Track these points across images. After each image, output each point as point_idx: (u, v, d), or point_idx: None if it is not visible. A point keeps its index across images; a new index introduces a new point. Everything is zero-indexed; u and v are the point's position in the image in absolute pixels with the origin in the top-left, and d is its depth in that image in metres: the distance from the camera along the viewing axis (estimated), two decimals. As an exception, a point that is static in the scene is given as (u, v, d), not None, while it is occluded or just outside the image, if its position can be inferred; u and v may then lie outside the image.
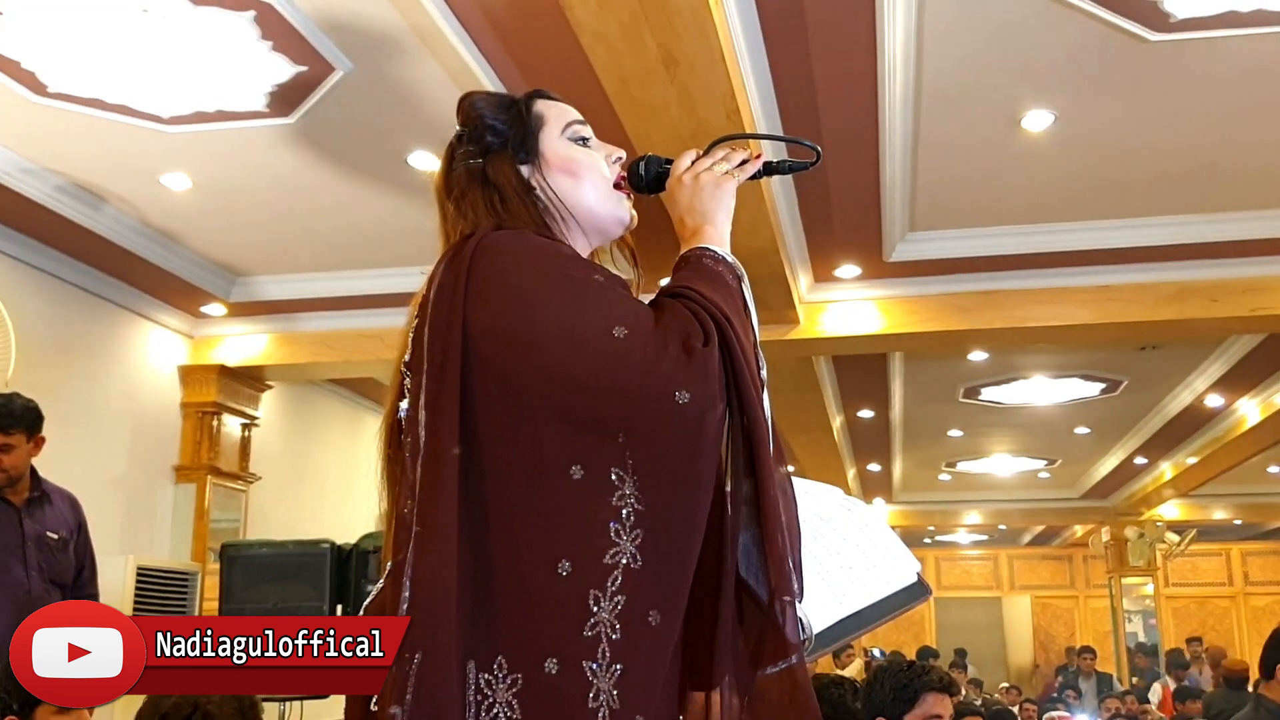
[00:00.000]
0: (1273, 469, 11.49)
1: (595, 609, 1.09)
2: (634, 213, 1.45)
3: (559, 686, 1.07)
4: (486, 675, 1.08)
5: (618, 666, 1.08)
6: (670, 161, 1.46)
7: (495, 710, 1.07)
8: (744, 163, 1.43)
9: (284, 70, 4.00)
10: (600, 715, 1.06)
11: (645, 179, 1.45)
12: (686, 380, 1.13)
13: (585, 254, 1.39)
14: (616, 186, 1.42)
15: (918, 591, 1.36)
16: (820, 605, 1.28)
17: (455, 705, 1.06)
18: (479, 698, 1.08)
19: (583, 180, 1.40)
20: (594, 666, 1.07)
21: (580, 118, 1.45)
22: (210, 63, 3.95)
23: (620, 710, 1.07)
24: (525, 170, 1.38)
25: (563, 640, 1.08)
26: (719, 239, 1.38)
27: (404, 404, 1.27)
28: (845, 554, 1.35)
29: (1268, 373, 7.79)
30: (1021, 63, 4.01)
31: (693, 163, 1.43)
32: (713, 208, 1.40)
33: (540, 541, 1.11)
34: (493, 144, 1.39)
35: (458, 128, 1.43)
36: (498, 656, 1.09)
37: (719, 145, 1.45)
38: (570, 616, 1.08)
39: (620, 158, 1.45)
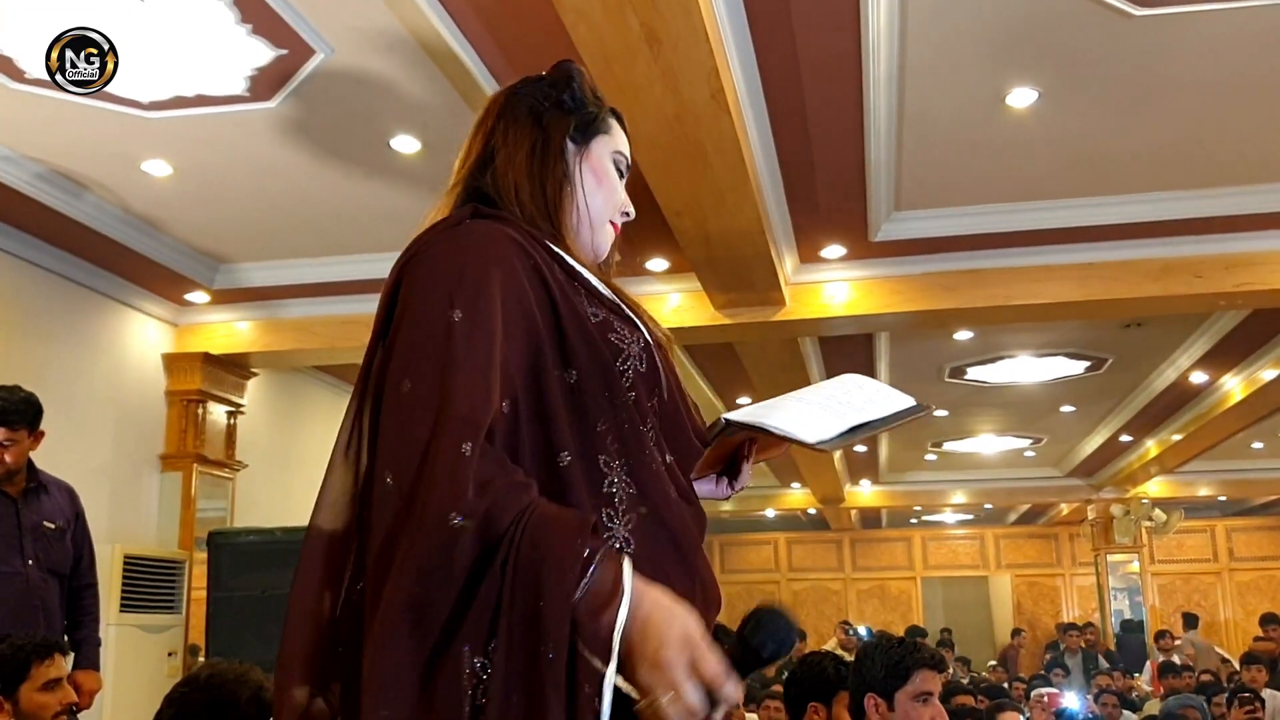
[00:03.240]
0: (1256, 445, 11.56)
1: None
2: (609, 253, 1.49)
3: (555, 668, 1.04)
4: (481, 660, 1.06)
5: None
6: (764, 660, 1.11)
7: (488, 691, 1.05)
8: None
9: (264, 54, 3.97)
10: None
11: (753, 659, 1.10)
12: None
13: (581, 243, 1.42)
14: (611, 224, 1.48)
15: (918, 408, 1.48)
16: (827, 423, 1.38)
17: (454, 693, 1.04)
18: (474, 681, 1.05)
19: (601, 191, 1.45)
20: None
21: (629, 157, 1.52)
22: (189, 47, 3.92)
23: None
24: (571, 148, 1.44)
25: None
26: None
27: None
28: (849, 399, 1.45)
29: (1252, 349, 7.82)
30: (1005, 40, 4.00)
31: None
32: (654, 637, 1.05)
33: None
34: (565, 105, 1.45)
35: (546, 74, 1.50)
36: (493, 640, 1.05)
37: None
38: None
39: (630, 214, 1.50)
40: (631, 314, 1.36)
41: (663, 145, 4.05)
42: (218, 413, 6.71)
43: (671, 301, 6.16)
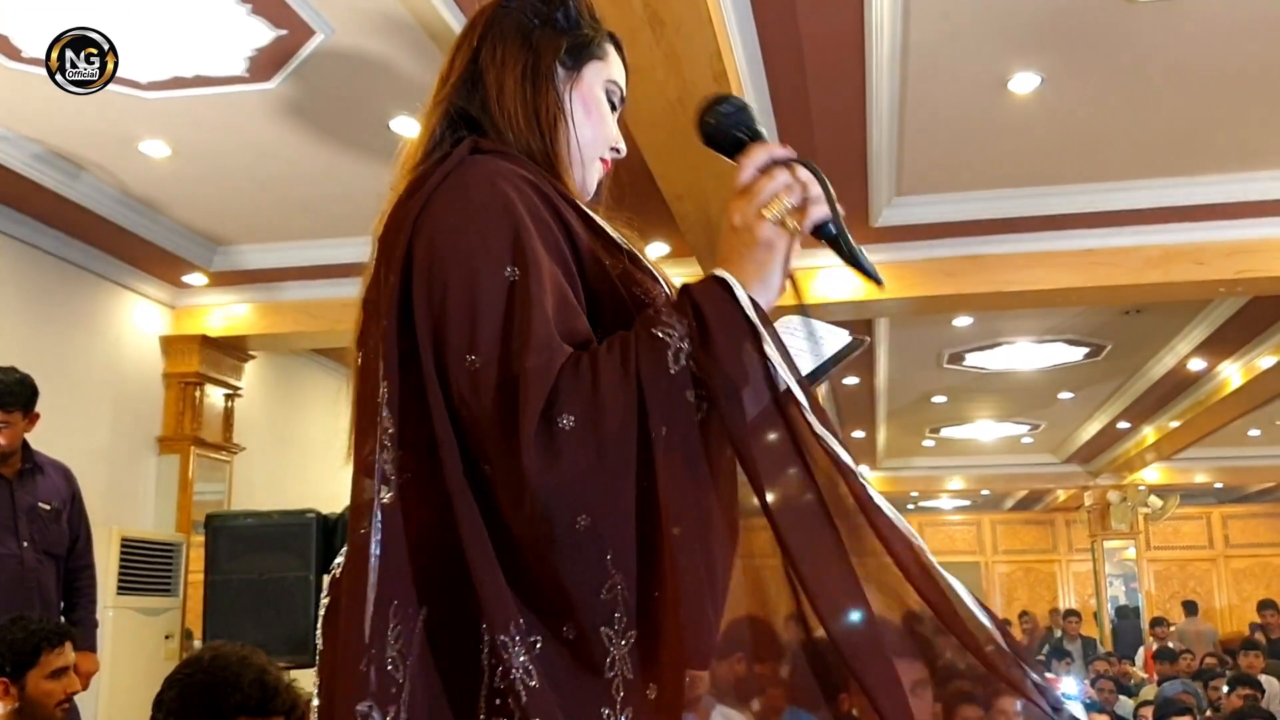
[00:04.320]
0: (1254, 432, 11.58)
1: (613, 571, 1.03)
2: (598, 191, 1.37)
3: (577, 651, 1.02)
4: (503, 637, 1.01)
5: (632, 634, 1.02)
6: (752, 135, 1.20)
7: (513, 674, 1.00)
8: (801, 208, 1.15)
9: (263, 34, 3.94)
10: (615, 685, 1.02)
11: (721, 135, 1.22)
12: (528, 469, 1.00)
13: (574, 180, 1.30)
14: (601, 160, 1.35)
15: (854, 344, 1.37)
16: None
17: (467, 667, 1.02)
18: (493, 661, 1.02)
19: (590, 123, 1.32)
20: (610, 633, 1.02)
21: (624, 90, 1.38)
22: (188, 27, 3.89)
23: (634, 680, 1.02)
24: (560, 73, 1.31)
25: (582, 604, 1.02)
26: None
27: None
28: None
29: (1251, 336, 7.83)
30: (1008, 25, 3.98)
31: (754, 178, 1.17)
32: (736, 256, 1.15)
33: None
34: (557, 23, 1.32)
35: None
36: (516, 618, 1.02)
37: (797, 165, 1.16)
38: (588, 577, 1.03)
39: (621, 151, 1.37)
40: (649, 264, 1.25)
41: (664, 128, 4.03)
42: (215, 395, 6.69)
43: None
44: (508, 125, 1.26)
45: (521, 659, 1.01)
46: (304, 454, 7.62)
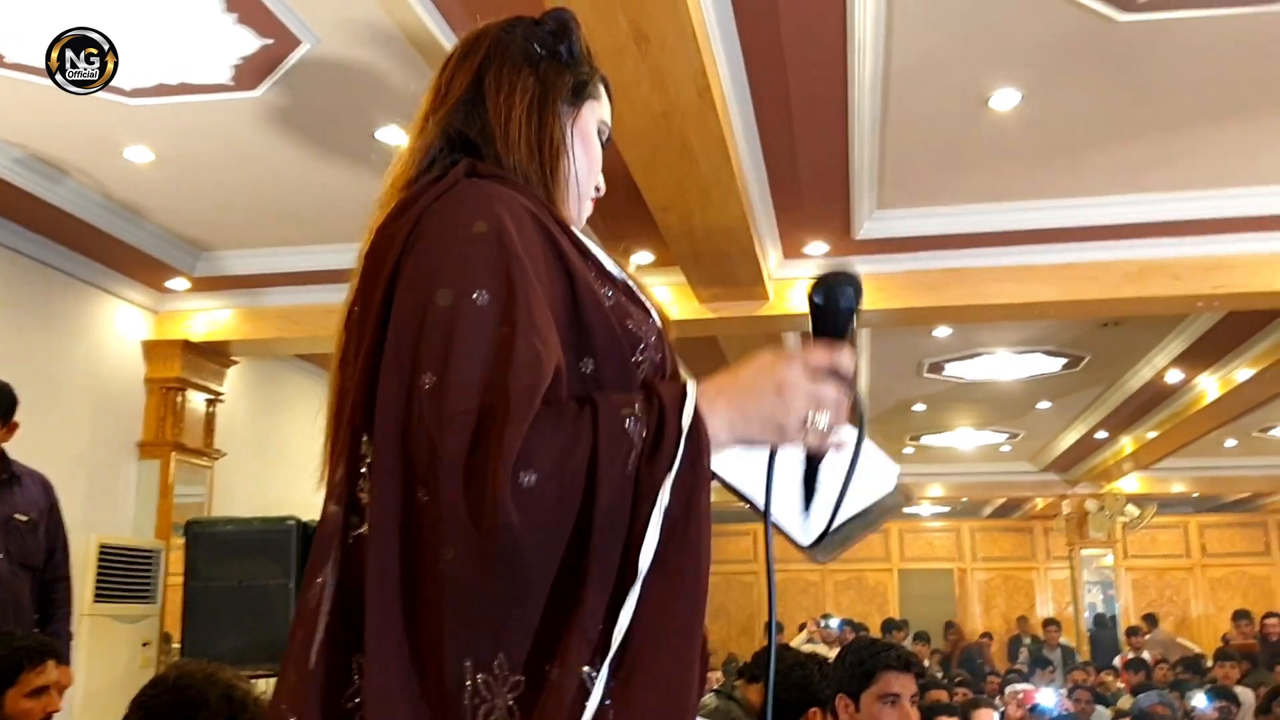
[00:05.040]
0: (1230, 443, 11.67)
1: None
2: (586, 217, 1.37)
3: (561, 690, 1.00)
4: (485, 676, 1.00)
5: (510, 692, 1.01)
6: (848, 332, 1.16)
7: (495, 714, 0.99)
8: (823, 433, 1.11)
9: (249, 43, 3.95)
10: None
11: (826, 315, 1.15)
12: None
13: (570, 215, 1.29)
14: (592, 200, 1.36)
15: (897, 500, 1.31)
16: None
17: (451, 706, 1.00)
18: (476, 700, 0.99)
19: (587, 161, 1.33)
20: (593, 674, 1.00)
21: (610, 131, 1.38)
22: (174, 34, 3.89)
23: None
24: (563, 108, 1.30)
25: (565, 642, 1.01)
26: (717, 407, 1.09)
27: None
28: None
29: (1227, 349, 7.90)
30: (990, 41, 4.03)
31: (823, 372, 1.13)
32: (745, 393, 1.11)
33: None
34: (562, 58, 1.31)
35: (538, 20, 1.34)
36: (498, 655, 1.00)
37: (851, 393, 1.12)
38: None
39: (601, 190, 1.37)
40: (642, 295, 1.23)
41: (650, 142, 4.06)
42: (197, 401, 6.67)
43: (657, 295, 6.15)
44: (510, 152, 1.24)
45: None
46: (285, 460, 7.61)
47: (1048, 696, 7.08)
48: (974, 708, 5.03)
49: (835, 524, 1.21)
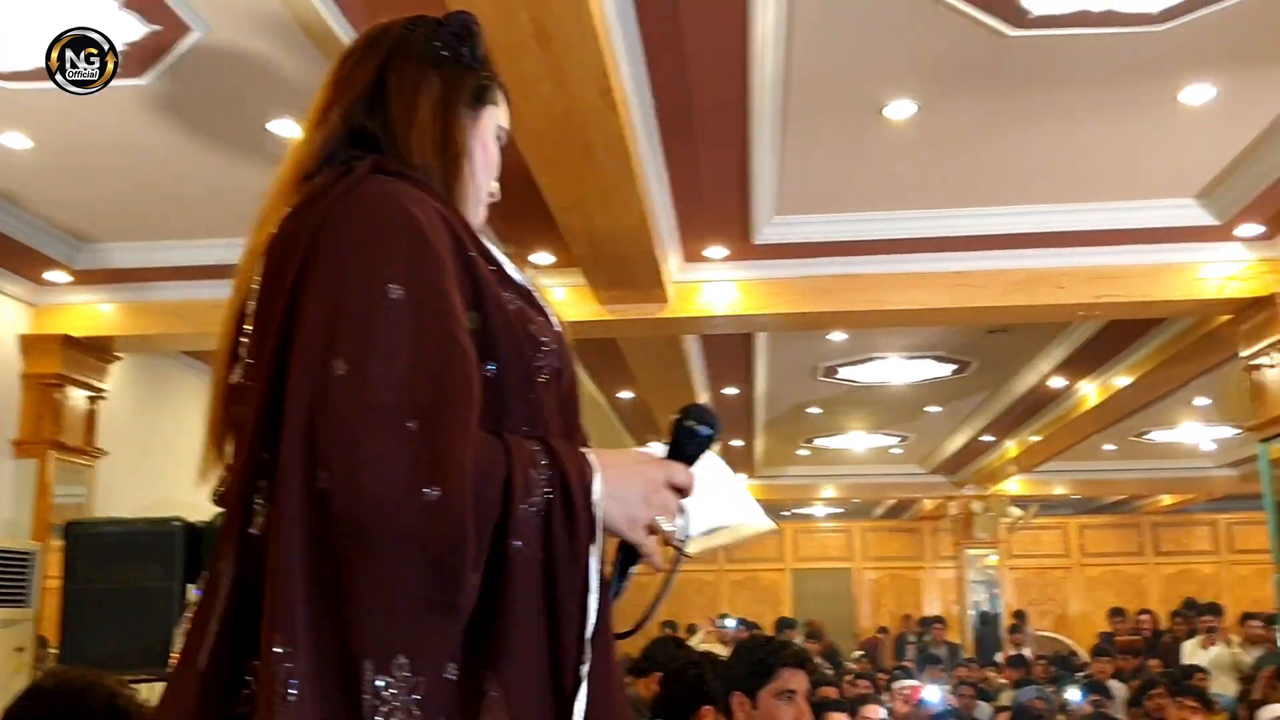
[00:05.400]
0: (1109, 447, 12.08)
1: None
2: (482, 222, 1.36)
3: (460, 691, 1.01)
4: (387, 678, 0.98)
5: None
6: (695, 459, 1.26)
7: (395, 716, 0.98)
8: (661, 538, 1.21)
9: (135, 29, 3.82)
10: None
11: (685, 442, 1.26)
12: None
13: (470, 214, 1.28)
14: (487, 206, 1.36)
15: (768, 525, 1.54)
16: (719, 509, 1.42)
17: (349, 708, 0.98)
18: (377, 702, 0.98)
19: (485, 165, 1.33)
20: (491, 674, 1.02)
21: (507, 135, 1.39)
22: (55, 16, 3.74)
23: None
24: (466, 112, 1.30)
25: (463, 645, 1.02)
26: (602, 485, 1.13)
27: (238, 369, 1.18)
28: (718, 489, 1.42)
29: (1108, 356, 8.16)
30: (887, 52, 4.10)
31: (677, 486, 1.22)
32: (625, 472, 1.17)
33: None
34: (465, 59, 1.31)
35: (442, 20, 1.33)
36: (397, 657, 0.99)
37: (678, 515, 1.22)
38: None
39: (496, 197, 1.37)
40: (541, 300, 1.24)
41: (550, 141, 4.04)
42: (78, 397, 6.44)
43: (556, 296, 6.12)
44: (414, 151, 1.24)
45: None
46: (172, 459, 7.38)
47: (933, 693, 7.25)
48: (862, 703, 5.12)
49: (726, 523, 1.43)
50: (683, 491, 1.21)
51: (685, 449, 1.25)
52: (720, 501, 1.42)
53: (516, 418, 1.14)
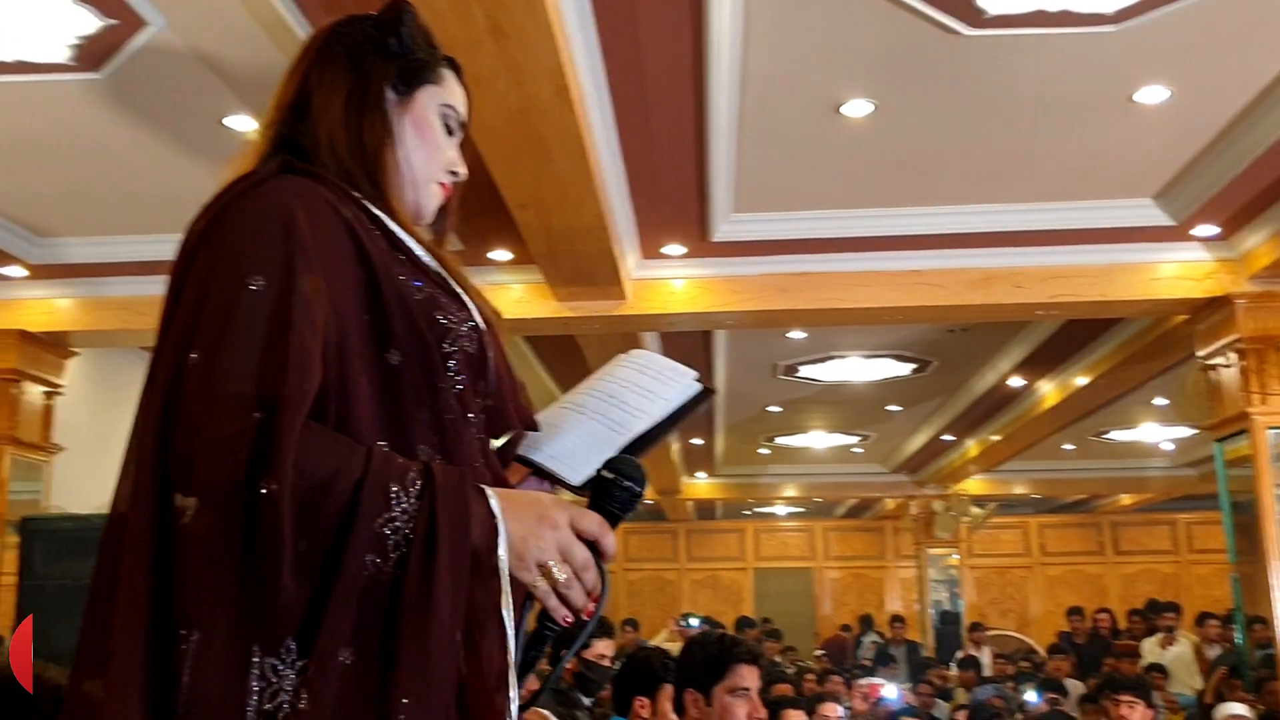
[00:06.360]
0: (1068, 446, 12.20)
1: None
2: (442, 217, 1.37)
3: (351, 675, 1.01)
4: (273, 661, 1.00)
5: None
6: (617, 517, 1.21)
7: (281, 698, 0.99)
8: (556, 589, 1.12)
9: (90, 22, 3.80)
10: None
11: (610, 496, 1.21)
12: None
13: (405, 205, 1.29)
14: (441, 185, 1.35)
15: (703, 396, 1.38)
16: (600, 444, 1.29)
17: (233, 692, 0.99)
18: (263, 684, 1.00)
19: (424, 147, 1.32)
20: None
21: (463, 115, 1.37)
22: (7, 9, 3.72)
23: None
24: (392, 98, 1.31)
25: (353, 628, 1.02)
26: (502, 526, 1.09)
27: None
28: (624, 398, 1.34)
29: (1066, 356, 8.26)
30: (843, 51, 4.13)
31: (588, 534, 1.15)
32: (525, 509, 1.12)
33: None
34: (389, 48, 1.32)
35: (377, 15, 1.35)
36: (286, 641, 1.01)
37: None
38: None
39: (459, 174, 1.36)
40: (459, 289, 1.24)
41: (506, 138, 4.05)
42: (34, 393, 6.39)
43: (514, 293, 6.15)
44: (329, 150, 1.26)
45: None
46: (128, 455, 7.33)
47: (891, 691, 7.31)
48: (819, 701, 5.16)
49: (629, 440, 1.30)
50: (600, 547, 1.14)
51: (607, 506, 1.20)
52: (598, 434, 1.31)
53: (421, 407, 1.16)
